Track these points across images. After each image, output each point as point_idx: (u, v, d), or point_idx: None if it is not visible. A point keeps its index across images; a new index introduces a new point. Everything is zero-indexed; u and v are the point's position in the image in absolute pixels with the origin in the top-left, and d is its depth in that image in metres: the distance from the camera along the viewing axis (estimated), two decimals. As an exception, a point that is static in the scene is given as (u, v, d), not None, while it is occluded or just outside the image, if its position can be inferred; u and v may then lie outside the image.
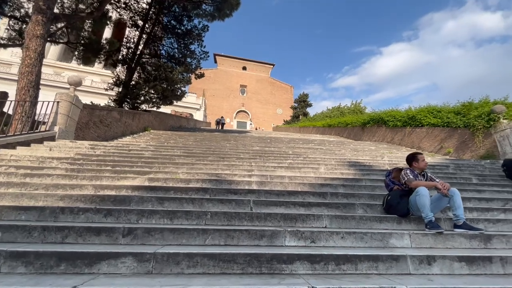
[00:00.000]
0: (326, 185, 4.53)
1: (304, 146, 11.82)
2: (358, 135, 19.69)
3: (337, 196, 4.04)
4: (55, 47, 32.92)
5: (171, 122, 19.92)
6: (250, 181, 4.48)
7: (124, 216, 2.86)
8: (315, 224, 3.09)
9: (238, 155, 6.87)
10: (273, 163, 6.17)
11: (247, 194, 3.86)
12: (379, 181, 5.12)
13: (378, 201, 4.08)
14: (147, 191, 3.70)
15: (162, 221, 2.89)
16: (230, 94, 55.65)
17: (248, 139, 13.68)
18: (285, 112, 58.61)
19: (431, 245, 2.82)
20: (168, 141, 9.86)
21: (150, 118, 15.11)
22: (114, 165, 4.88)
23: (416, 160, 3.48)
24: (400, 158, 8.54)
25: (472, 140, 11.06)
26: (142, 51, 16.62)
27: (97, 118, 9.26)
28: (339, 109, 36.70)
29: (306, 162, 6.49)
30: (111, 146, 6.79)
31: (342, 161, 6.87)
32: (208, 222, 2.94)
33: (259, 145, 11.08)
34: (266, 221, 3.02)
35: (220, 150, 7.61)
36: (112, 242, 2.39)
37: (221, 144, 10.49)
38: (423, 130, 13.75)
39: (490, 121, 10.38)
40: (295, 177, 4.92)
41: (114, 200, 3.26)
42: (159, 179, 4.22)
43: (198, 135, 13.62)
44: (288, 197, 3.90)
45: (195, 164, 5.46)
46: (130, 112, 12.36)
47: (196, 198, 3.44)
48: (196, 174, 4.71)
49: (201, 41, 18.15)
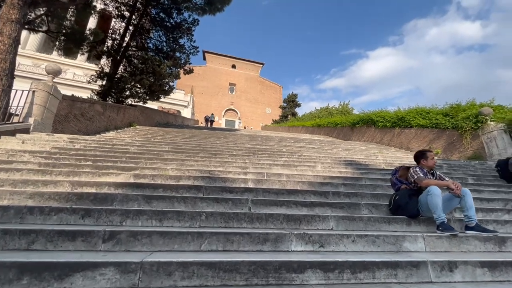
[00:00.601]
0: (326, 184, 4.28)
1: (296, 145, 11.62)
2: (347, 135, 19.76)
3: (339, 196, 3.79)
4: (34, 37, 31.21)
5: (157, 118, 19.24)
6: (246, 178, 4.15)
7: (105, 217, 2.48)
8: (321, 226, 2.82)
9: (231, 152, 6.53)
10: (268, 160, 5.88)
11: (244, 192, 3.54)
12: (379, 180, 4.93)
13: (382, 201, 3.87)
14: (132, 188, 3.30)
15: (150, 223, 2.53)
16: (219, 92, 54.96)
17: (239, 136, 13.34)
18: (274, 112, 58.54)
19: (446, 249, 2.61)
20: (155, 137, 9.36)
21: (136, 113, 14.45)
22: (95, 160, 4.43)
23: (425, 158, 3.28)
24: (393, 158, 8.48)
25: (460, 141, 11.22)
26: (128, 43, 15.89)
27: (78, 111, 8.64)
28: (327, 109, 36.95)
29: (301, 160, 6.23)
30: (93, 140, 6.27)
31: (338, 160, 6.67)
32: (203, 223, 2.61)
33: (250, 143, 10.77)
34: (267, 222, 2.72)
35: (211, 147, 7.24)
36: (90, 249, 2.01)
37: (211, 141, 10.09)
38: (412, 131, 13.88)
39: (478, 123, 10.54)
40: (293, 175, 4.65)
41: (94, 199, 2.85)
42: (146, 176, 3.82)
43: (187, 132, 13.14)
44: (288, 196, 3.61)
45: (185, 161, 5.07)
46: (114, 106, 11.72)
47: (189, 197, 3.08)
48: (186, 170, 4.34)
49: (191, 35, 17.61)
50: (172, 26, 17.18)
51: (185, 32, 17.50)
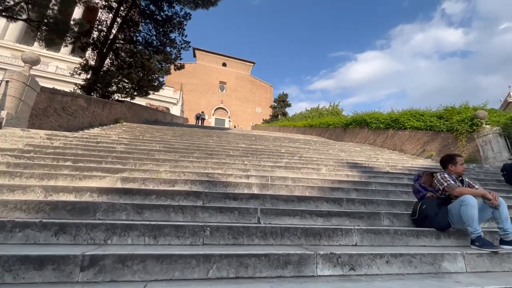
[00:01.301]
0: (336, 190, 3.91)
1: (292, 145, 11.27)
2: (339, 136, 19.62)
3: (353, 203, 3.42)
4: (14, 27, 29.45)
5: (146, 115, 18.45)
6: (249, 183, 3.72)
7: (85, 234, 1.98)
8: (343, 240, 2.43)
9: (227, 152, 6.07)
10: (269, 162, 5.46)
11: (250, 200, 3.11)
12: (389, 185, 4.62)
13: (398, 209, 3.54)
14: (119, 195, 2.80)
15: (142, 241, 2.05)
16: (209, 90, 54.07)
17: (232, 136, 12.87)
18: (264, 111, 58.18)
19: (488, 268, 2.27)
20: (144, 135, 8.76)
21: (123, 109, 13.70)
22: (76, 160, 3.87)
23: (454, 163, 2.95)
24: (394, 160, 8.25)
25: (455, 144, 11.19)
26: (115, 35, 15.06)
27: (59, 104, 7.92)
28: (317, 110, 37.02)
29: (303, 162, 5.86)
30: (74, 137, 5.65)
31: (340, 162, 6.34)
32: (207, 240, 2.15)
33: (244, 142, 10.34)
34: (283, 238, 2.30)
35: (206, 146, 6.75)
36: (63, 280, 1.53)
37: (204, 140, 9.58)
38: (405, 133, 13.82)
39: (473, 126, 10.53)
40: (299, 179, 4.25)
41: (72, 209, 2.34)
42: (136, 180, 3.31)
43: (177, 130, 12.54)
44: (299, 204, 3.20)
45: (180, 161, 4.58)
46: (100, 101, 10.97)
47: (187, 206, 2.62)
48: (182, 173, 3.86)
49: (182, 29, 16.93)
50: (162, 19, 16.44)
51: (176, 26, 16.81)
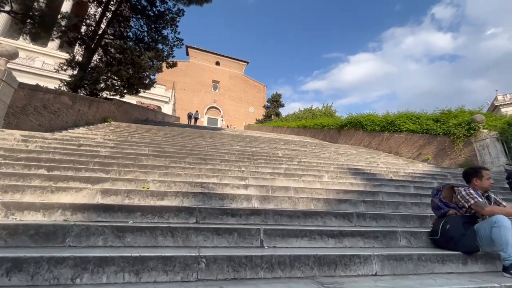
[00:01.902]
0: (343, 202, 3.56)
1: (288, 147, 10.95)
2: (334, 137, 19.44)
3: (364, 218, 3.09)
4: (-3, 20, 28.19)
5: (136, 114, 17.81)
6: (248, 195, 3.33)
7: (47, 272, 1.56)
8: (362, 269, 2.07)
9: (222, 157, 5.66)
10: (267, 168, 5.08)
11: (250, 216, 2.72)
12: (396, 195, 4.31)
13: (412, 224, 3.23)
14: (97, 213, 2.37)
15: (121, 278, 1.64)
16: (201, 89, 53.35)
17: (225, 137, 12.45)
18: (257, 111, 57.83)
19: (528, 304, 1.96)
20: (133, 136, 8.25)
21: (111, 108, 13.09)
22: (51, 168, 3.40)
23: (479, 177, 2.64)
24: (394, 165, 8.00)
25: (452, 148, 11.08)
26: (105, 30, 14.41)
27: (40, 102, 7.34)
28: (310, 111, 36.98)
29: (304, 168, 5.50)
30: (54, 139, 5.14)
31: (341, 168, 6.03)
32: (202, 275, 1.76)
33: (239, 144, 9.94)
34: (293, 268, 1.93)
35: (199, 150, 6.33)
36: None
37: (196, 142, 9.14)
38: (401, 135, 13.69)
39: (470, 130, 10.44)
40: (302, 189, 3.89)
41: (35, 234, 1.91)
42: (119, 192, 2.87)
43: (169, 130, 12.04)
44: (305, 220, 2.84)
45: (170, 168, 4.15)
46: (86, 98, 10.37)
47: (178, 228, 2.20)
48: (173, 183, 3.43)
49: (175, 26, 16.39)
50: (155, 15, 15.87)
51: (168, 23, 16.26)
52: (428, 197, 4.44)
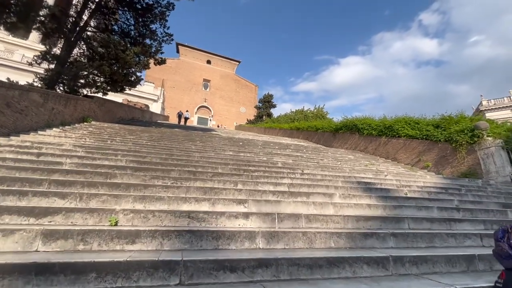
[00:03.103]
0: (369, 236, 2.83)
1: (283, 152, 10.22)
2: (328, 141, 18.91)
3: (402, 264, 2.36)
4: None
5: (121, 113, 16.67)
6: (251, 230, 2.53)
7: None
8: None
9: (214, 169, 4.84)
10: (268, 184, 4.31)
11: (256, 270, 1.94)
12: (424, 221, 3.62)
13: (459, 269, 2.53)
14: (27, 278, 1.53)
15: None
16: (192, 88, 52.10)
17: (217, 140, 11.60)
18: (248, 111, 57.08)
19: None
20: (113, 139, 7.31)
21: (92, 106, 12.00)
22: (-17, 192, 2.51)
23: None
24: (400, 175, 7.39)
25: (454, 156, 10.64)
26: (87, 22, 13.28)
27: (2, 100, 6.31)
28: (302, 112, 36.57)
29: (309, 184, 4.75)
30: (8, 146, 4.19)
31: (349, 181, 5.33)
32: None
33: (231, 149, 9.14)
34: None
35: (188, 158, 5.48)
36: None
37: (185, 146, 8.27)
38: (400, 141, 13.21)
39: (473, 137, 10.02)
40: (314, 217, 3.13)
41: None
42: (71, 234, 2.03)
43: (155, 132, 11.09)
44: (329, 271, 2.09)
45: (150, 188, 3.31)
46: (61, 96, 9.30)
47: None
48: (151, 213, 2.60)
49: (164, 20, 15.39)
50: (142, 8, 14.82)
51: (157, 17, 15.25)
52: (455, 222, 3.80)
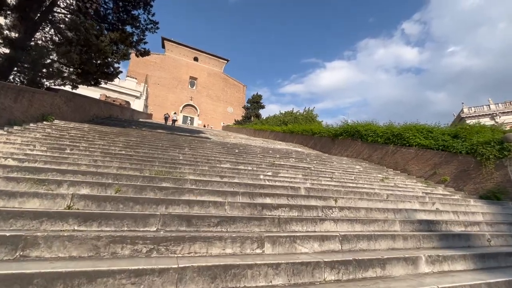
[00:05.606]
0: None
1: (288, 163, 8.62)
2: (326, 146, 17.49)
3: None
4: None
5: (95, 110, 14.43)
6: None
7: None
8: None
9: (217, 206, 3.14)
10: (308, 241, 2.66)
11: None
12: None
13: None
14: None
15: None
16: (177, 85, 49.58)
17: (208, 146, 9.81)
18: (235, 111, 55.32)
19: None
20: (76, 146, 5.40)
21: (57, 101, 9.84)
22: None
23: None
24: (446, 201, 5.97)
25: (477, 170, 9.46)
26: (54, 1, 11.08)
27: None
28: (292, 114, 35.44)
29: (367, 235, 3.12)
30: None
31: (408, 222, 3.79)
32: None
33: (228, 159, 7.43)
34: None
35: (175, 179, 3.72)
36: None
37: (170, 156, 6.47)
38: (410, 150, 11.94)
39: (503, 151, 8.91)
40: None
41: None
42: None
43: (133, 134, 9.14)
44: None
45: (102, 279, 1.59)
46: (10, 87, 7.20)
47: None
48: None
49: (149, 6, 13.39)
50: (123, -11, 12.76)
51: (141, 2, 13.22)
52: None
